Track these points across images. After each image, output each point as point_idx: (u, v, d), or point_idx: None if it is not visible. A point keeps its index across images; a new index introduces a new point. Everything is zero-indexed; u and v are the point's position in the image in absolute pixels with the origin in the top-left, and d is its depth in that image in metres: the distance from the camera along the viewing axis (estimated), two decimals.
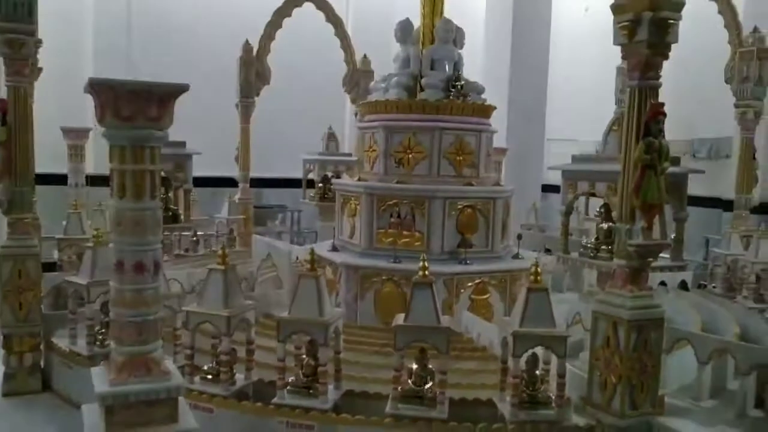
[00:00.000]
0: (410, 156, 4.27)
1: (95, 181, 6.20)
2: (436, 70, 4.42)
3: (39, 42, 3.08)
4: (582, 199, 6.12)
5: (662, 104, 2.21)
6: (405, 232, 4.16)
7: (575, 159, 3.49)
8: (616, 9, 2.27)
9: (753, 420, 3.14)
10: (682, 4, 2.22)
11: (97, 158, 6.35)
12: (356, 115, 6.85)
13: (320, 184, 5.94)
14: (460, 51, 4.55)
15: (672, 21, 2.19)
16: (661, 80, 2.27)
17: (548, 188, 9.31)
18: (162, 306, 1.98)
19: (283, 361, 2.57)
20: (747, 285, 4.54)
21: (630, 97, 2.27)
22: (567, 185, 3.27)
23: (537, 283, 2.49)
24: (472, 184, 4.24)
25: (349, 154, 6.25)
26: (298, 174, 6.82)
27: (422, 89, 4.41)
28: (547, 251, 5.39)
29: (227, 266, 2.66)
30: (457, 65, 4.48)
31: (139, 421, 1.87)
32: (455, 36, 4.53)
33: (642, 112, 2.22)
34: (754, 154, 5.22)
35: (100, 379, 1.90)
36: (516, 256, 4.37)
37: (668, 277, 4.77)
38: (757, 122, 5.16)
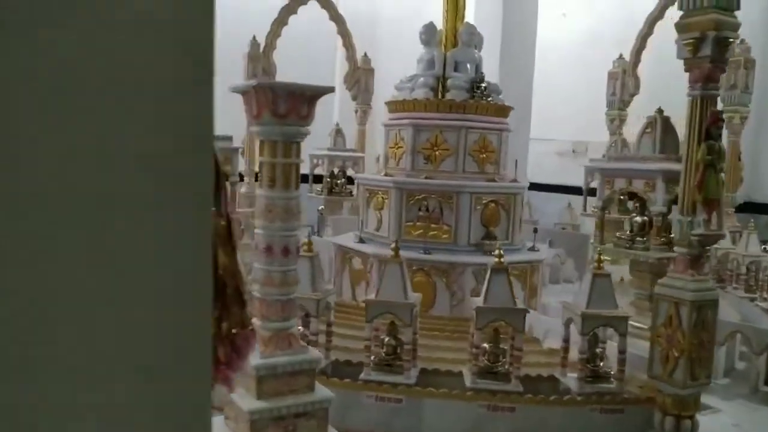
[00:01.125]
0: (437, 153, 4.52)
1: None
2: (460, 71, 4.68)
3: None
4: (577, 197, 6.49)
5: (721, 111, 2.52)
6: (433, 225, 4.41)
7: (611, 158, 3.81)
8: (680, 28, 2.57)
9: (765, 394, 3.53)
10: (739, 25, 2.53)
11: None
12: (356, 112, 7.07)
13: (328, 179, 6.12)
14: (480, 54, 4.83)
15: (732, 39, 2.50)
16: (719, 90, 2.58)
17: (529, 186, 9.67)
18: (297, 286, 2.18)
19: (370, 341, 2.80)
20: (738, 276, 4.96)
21: (692, 105, 2.57)
22: (604, 182, 3.58)
23: (600, 269, 2.78)
24: (494, 180, 4.52)
25: (354, 150, 6.46)
26: None
27: (446, 89, 4.66)
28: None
29: (313, 254, 2.86)
30: (478, 67, 4.75)
31: (284, 390, 2.07)
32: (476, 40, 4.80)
33: (703, 118, 2.52)
34: (739, 156, 5.67)
35: None
36: (532, 249, 4.68)
37: None
38: (743, 127, 5.61)
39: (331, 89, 2.06)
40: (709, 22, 2.46)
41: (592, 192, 5.98)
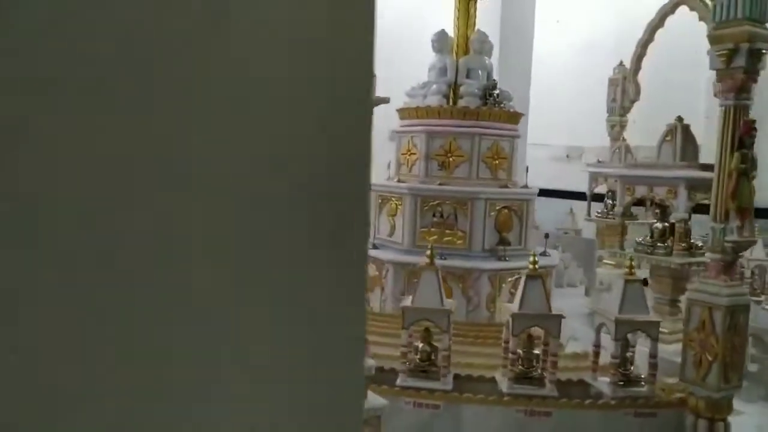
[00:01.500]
0: (450, 159, 4.56)
1: None
2: (472, 78, 4.72)
3: None
4: (579, 202, 6.58)
5: (754, 121, 2.58)
6: (447, 231, 4.45)
7: (631, 166, 3.87)
8: (714, 39, 2.63)
9: None
10: None
11: None
12: None
13: None
14: (491, 61, 4.88)
15: (765, 51, 2.57)
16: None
17: None
18: None
19: (406, 347, 2.82)
20: (744, 280, 5.06)
21: (724, 114, 2.64)
22: (624, 189, 3.64)
23: (632, 275, 2.83)
24: (507, 187, 4.57)
25: None
26: None
27: (458, 96, 4.70)
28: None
29: None
30: (490, 74, 4.80)
31: None
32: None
33: (736, 127, 2.59)
34: None
35: None
36: (543, 254, 4.73)
37: None
38: None
39: (386, 99, 2.09)
40: (742, 33, 2.53)
41: (594, 197, 6.07)
